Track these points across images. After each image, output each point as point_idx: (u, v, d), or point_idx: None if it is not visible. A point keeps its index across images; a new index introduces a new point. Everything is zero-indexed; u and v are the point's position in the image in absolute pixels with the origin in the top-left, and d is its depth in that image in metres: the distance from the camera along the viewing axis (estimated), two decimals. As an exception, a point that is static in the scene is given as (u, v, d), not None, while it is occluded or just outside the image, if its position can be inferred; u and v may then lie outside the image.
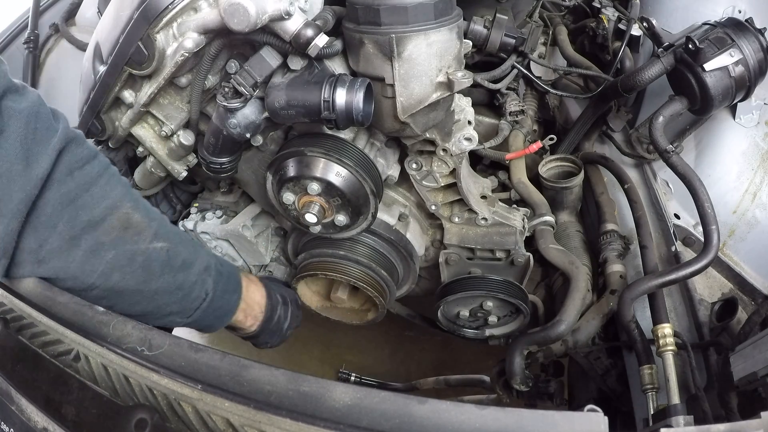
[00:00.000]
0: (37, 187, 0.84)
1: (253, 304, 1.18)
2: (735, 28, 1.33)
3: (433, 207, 1.43)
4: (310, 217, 1.25)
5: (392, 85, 1.10)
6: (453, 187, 1.40)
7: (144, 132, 1.32)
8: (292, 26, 1.03)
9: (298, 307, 1.34)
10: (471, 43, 1.24)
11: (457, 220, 1.44)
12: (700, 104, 1.37)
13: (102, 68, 1.19)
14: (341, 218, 1.28)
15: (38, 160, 0.84)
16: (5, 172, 0.81)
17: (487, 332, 1.58)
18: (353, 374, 2.18)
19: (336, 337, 2.41)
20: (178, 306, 1.00)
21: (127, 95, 1.25)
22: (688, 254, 1.44)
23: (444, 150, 1.29)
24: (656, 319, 1.22)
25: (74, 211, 0.88)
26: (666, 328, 1.18)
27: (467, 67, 1.19)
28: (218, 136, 1.22)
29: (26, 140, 0.83)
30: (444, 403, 0.70)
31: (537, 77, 1.60)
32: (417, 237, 1.49)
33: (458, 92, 1.18)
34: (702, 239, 1.25)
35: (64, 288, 0.90)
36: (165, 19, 1.08)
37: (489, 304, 1.49)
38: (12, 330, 0.89)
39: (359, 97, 1.06)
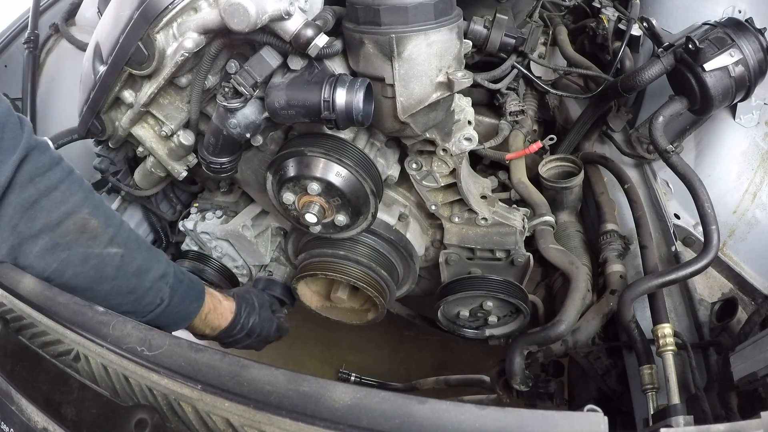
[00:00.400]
0: None
1: (215, 315, 1.21)
2: (735, 28, 1.33)
3: (433, 207, 1.43)
4: (310, 217, 1.25)
5: (392, 85, 1.10)
6: (453, 187, 1.40)
7: (144, 132, 1.32)
8: (292, 26, 1.03)
9: (265, 309, 1.36)
10: (471, 43, 1.24)
11: (457, 220, 1.44)
12: (700, 104, 1.37)
13: (102, 68, 1.19)
14: (341, 218, 1.28)
15: (2, 169, 0.90)
16: None
17: (487, 332, 1.58)
18: (353, 374, 2.18)
19: (336, 337, 2.41)
20: (131, 307, 1.03)
21: (127, 95, 1.25)
22: (688, 254, 1.44)
23: (444, 150, 1.29)
24: (656, 319, 1.22)
25: (33, 214, 0.94)
26: (666, 328, 1.18)
27: (467, 67, 1.19)
28: (218, 136, 1.22)
29: None
30: (444, 403, 0.70)
31: (537, 77, 1.60)
32: (417, 237, 1.49)
33: (458, 92, 1.18)
34: (702, 239, 1.25)
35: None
36: (165, 19, 1.08)
37: (489, 304, 1.49)
38: (12, 330, 0.89)
39: (359, 97, 1.06)
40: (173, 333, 1.09)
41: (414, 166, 1.35)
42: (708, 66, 1.31)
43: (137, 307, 1.04)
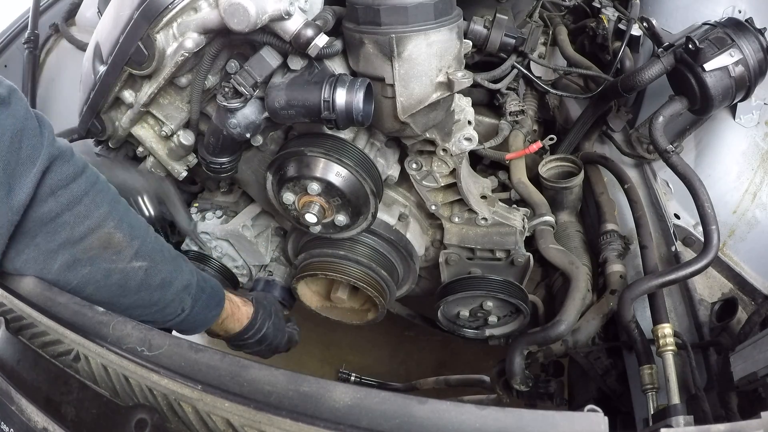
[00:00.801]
0: (18, 213, 0.85)
1: (232, 320, 1.20)
2: (735, 28, 1.33)
3: (433, 207, 1.43)
4: (310, 217, 1.25)
5: (392, 85, 1.10)
6: (453, 187, 1.40)
7: (144, 132, 1.32)
8: (292, 26, 1.03)
9: (280, 319, 1.35)
10: (471, 43, 1.24)
11: (457, 220, 1.44)
12: (700, 104, 1.37)
13: (102, 68, 1.19)
14: (341, 218, 1.28)
15: (21, 185, 0.83)
16: None
17: (487, 332, 1.58)
18: (353, 374, 2.18)
19: (336, 337, 2.41)
20: (151, 317, 1.01)
21: (127, 95, 1.25)
22: (688, 254, 1.44)
23: (444, 150, 1.29)
24: (656, 319, 1.22)
25: (54, 228, 0.89)
26: (666, 328, 1.18)
27: (467, 67, 1.19)
28: (218, 136, 1.22)
29: (9, 165, 0.81)
30: (444, 403, 0.70)
31: (537, 77, 1.60)
32: (417, 237, 1.49)
33: (458, 92, 1.18)
34: (702, 239, 1.25)
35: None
36: (165, 19, 1.08)
37: (489, 304, 1.49)
38: (12, 330, 0.89)
39: (359, 97, 1.06)
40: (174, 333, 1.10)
41: (414, 166, 1.35)
42: (708, 66, 1.31)
43: (158, 317, 1.03)
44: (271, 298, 1.39)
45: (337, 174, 1.22)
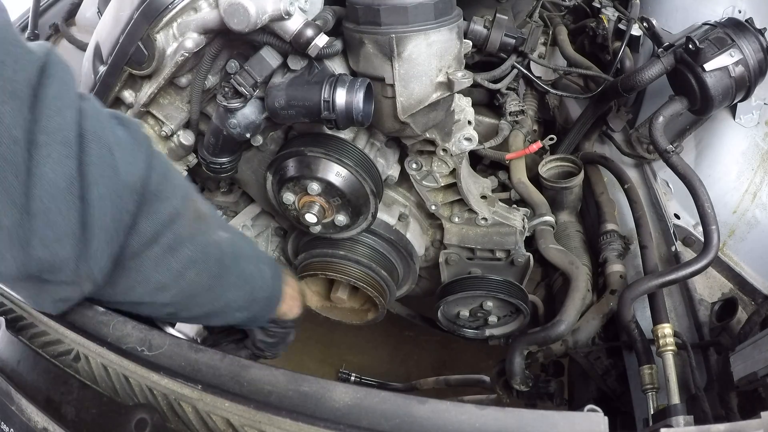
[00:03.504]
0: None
1: (292, 293, 1.08)
2: (735, 28, 1.33)
3: (433, 207, 1.43)
4: (310, 217, 1.25)
5: (392, 85, 1.10)
6: (453, 187, 1.40)
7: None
8: (292, 26, 1.03)
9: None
10: (471, 43, 1.24)
11: (457, 220, 1.44)
12: (700, 104, 1.37)
13: (102, 68, 1.19)
14: (341, 218, 1.28)
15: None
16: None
17: (487, 332, 1.58)
18: (353, 374, 2.18)
19: (336, 337, 2.41)
20: (243, 300, 0.93)
21: (127, 95, 1.25)
22: (688, 254, 1.44)
23: (444, 150, 1.29)
24: (656, 319, 1.22)
25: (157, 205, 0.77)
26: (666, 328, 1.18)
27: (467, 67, 1.19)
28: (218, 136, 1.22)
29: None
30: (444, 403, 0.70)
31: (537, 77, 1.60)
32: (417, 237, 1.49)
33: (458, 92, 1.18)
34: (702, 239, 1.25)
35: (121, 302, 0.83)
36: (165, 19, 1.08)
37: (489, 304, 1.49)
38: (12, 330, 0.89)
39: (359, 97, 1.06)
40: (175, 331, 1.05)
41: (414, 166, 1.35)
42: (708, 66, 1.31)
43: (249, 298, 0.93)
44: None
45: (337, 174, 1.22)
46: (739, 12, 1.48)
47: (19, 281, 0.73)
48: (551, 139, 1.60)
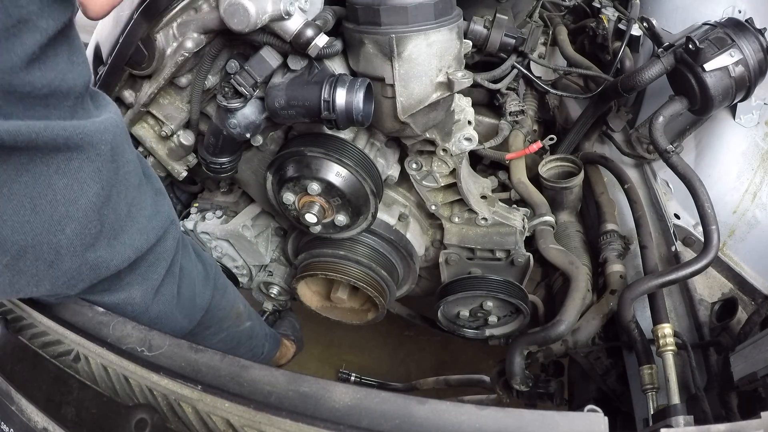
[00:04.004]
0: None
1: (285, 352, 1.52)
2: (735, 28, 1.33)
3: (433, 207, 1.43)
4: (310, 217, 1.25)
5: (392, 85, 1.10)
6: (453, 187, 1.40)
7: (144, 132, 1.32)
8: (293, 26, 1.03)
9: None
10: (471, 43, 1.24)
11: (457, 220, 1.44)
12: (700, 104, 1.37)
13: (102, 68, 1.19)
14: (341, 218, 1.28)
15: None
16: None
17: (487, 332, 1.58)
18: (353, 374, 2.18)
19: (336, 337, 2.41)
20: (247, 357, 1.19)
21: (127, 95, 1.25)
22: (688, 254, 1.44)
23: (444, 150, 1.29)
24: (656, 319, 1.22)
25: (215, 313, 1.07)
26: (666, 328, 1.18)
27: (467, 67, 1.19)
28: (218, 136, 1.22)
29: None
30: (444, 403, 0.70)
31: (537, 77, 1.60)
32: (417, 237, 1.49)
33: (458, 92, 1.18)
34: (702, 239, 1.25)
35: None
36: (165, 19, 1.08)
37: (489, 304, 1.49)
38: (12, 330, 0.89)
39: (359, 97, 1.06)
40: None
41: (414, 166, 1.35)
42: (708, 66, 1.31)
43: (251, 357, 1.16)
44: (296, 325, 1.71)
45: (337, 174, 1.22)
46: (739, 12, 1.48)
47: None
48: (551, 139, 1.60)
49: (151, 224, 0.83)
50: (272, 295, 1.70)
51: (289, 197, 1.27)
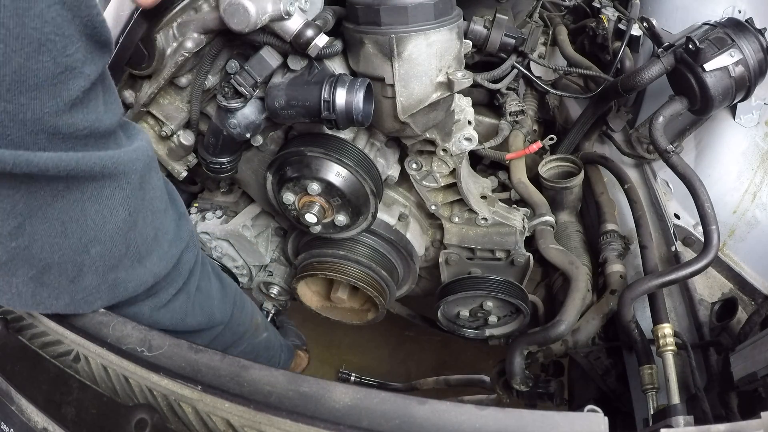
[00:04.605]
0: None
1: (299, 362, 1.69)
2: (735, 28, 1.33)
3: (433, 207, 1.43)
4: (310, 217, 1.25)
5: (392, 85, 1.10)
6: (453, 187, 1.40)
7: (144, 132, 1.32)
8: (293, 26, 1.02)
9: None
10: (471, 43, 1.24)
11: (457, 220, 1.44)
12: (700, 104, 1.37)
13: (102, 68, 1.19)
14: (341, 218, 1.28)
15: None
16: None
17: (487, 332, 1.58)
18: (353, 374, 2.18)
19: (336, 337, 2.41)
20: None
21: (127, 95, 1.25)
22: (688, 254, 1.44)
23: (444, 150, 1.29)
24: (656, 319, 1.22)
25: (235, 328, 1.12)
26: (666, 328, 1.18)
27: (467, 67, 1.19)
28: (218, 136, 1.22)
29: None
30: (444, 404, 0.70)
31: (537, 77, 1.60)
32: (417, 237, 1.49)
33: (458, 92, 1.18)
34: (702, 239, 1.25)
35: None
36: (165, 19, 1.08)
37: (489, 304, 1.49)
38: (12, 330, 0.89)
39: (359, 97, 1.06)
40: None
41: (414, 166, 1.35)
42: (708, 66, 1.31)
43: None
44: (300, 334, 1.83)
45: (337, 174, 1.22)
46: (739, 12, 1.48)
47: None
48: (551, 139, 1.60)
49: (171, 251, 0.86)
50: (272, 295, 1.70)
51: (289, 197, 1.27)
